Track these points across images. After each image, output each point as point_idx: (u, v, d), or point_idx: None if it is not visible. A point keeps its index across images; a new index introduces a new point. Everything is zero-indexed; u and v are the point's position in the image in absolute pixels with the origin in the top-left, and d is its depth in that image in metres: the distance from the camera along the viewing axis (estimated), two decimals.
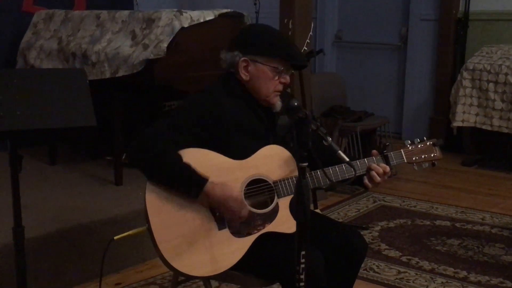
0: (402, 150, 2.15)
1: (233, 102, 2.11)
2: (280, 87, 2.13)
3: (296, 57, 2.13)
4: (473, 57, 5.19)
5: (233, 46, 2.14)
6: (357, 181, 2.13)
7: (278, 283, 2.06)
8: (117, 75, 3.52)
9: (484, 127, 5.03)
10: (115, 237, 2.10)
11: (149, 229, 1.94)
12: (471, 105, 5.08)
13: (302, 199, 1.56)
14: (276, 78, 2.10)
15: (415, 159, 2.15)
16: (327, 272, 2.15)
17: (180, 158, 1.96)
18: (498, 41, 5.41)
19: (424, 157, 2.16)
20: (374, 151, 2.13)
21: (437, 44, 5.93)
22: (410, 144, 2.17)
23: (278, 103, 2.13)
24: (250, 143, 2.09)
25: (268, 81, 2.10)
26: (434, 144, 2.18)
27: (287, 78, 2.14)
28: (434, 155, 2.17)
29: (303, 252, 1.61)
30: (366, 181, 2.10)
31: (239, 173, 2.02)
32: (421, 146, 2.17)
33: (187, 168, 1.95)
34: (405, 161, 2.14)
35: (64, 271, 2.94)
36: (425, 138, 2.19)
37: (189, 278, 2.03)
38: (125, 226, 2.86)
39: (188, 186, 1.95)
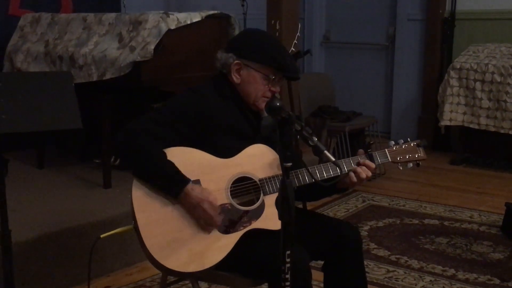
0: (386, 150, 2.18)
1: (222, 103, 2.13)
2: (269, 94, 2.14)
3: (289, 69, 2.13)
4: (460, 57, 5.22)
5: (229, 47, 2.17)
6: (335, 189, 2.16)
7: (266, 284, 2.06)
8: (104, 78, 3.52)
9: (471, 125, 5.06)
10: (102, 235, 2.10)
11: (135, 227, 1.95)
12: (458, 104, 5.10)
13: (286, 199, 1.56)
14: (266, 85, 2.12)
15: (400, 158, 2.18)
16: (328, 270, 2.17)
17: (164, 155, 1.98)
18: (485, 40, 5.44)
19: (409, 157, 2.19)
20: (361, 150, 2.15)
21: (424, 44, 5.96)
22: (394, 145, 2.20)
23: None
24: (237, 143, 2.10)
25: (258, 86, 2.12)
26: (418, 145, 2.22)
27: (277, 88, 2.15)
28: (418, 156, 2.20)
29: (288, 252, 1.61)
30: (353, 178, 2.09)
31: (224, 171, 2.04)
32: (405, 147, 2.20)
33: (171, 165, 1.96)
34: (390, 160, 2.16)
35: (52, 274, 2.93)
36: (409, 139, 2.23)
37: (176, 275, 2.02)
38: (114, 229, 2.85)
39: (169, 185, 1.96)
